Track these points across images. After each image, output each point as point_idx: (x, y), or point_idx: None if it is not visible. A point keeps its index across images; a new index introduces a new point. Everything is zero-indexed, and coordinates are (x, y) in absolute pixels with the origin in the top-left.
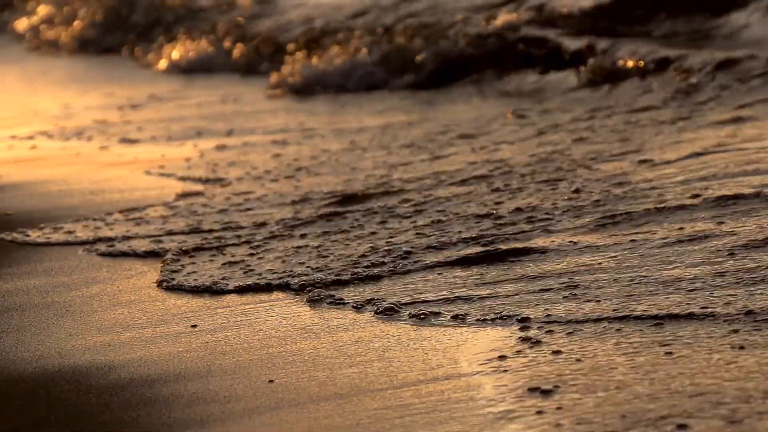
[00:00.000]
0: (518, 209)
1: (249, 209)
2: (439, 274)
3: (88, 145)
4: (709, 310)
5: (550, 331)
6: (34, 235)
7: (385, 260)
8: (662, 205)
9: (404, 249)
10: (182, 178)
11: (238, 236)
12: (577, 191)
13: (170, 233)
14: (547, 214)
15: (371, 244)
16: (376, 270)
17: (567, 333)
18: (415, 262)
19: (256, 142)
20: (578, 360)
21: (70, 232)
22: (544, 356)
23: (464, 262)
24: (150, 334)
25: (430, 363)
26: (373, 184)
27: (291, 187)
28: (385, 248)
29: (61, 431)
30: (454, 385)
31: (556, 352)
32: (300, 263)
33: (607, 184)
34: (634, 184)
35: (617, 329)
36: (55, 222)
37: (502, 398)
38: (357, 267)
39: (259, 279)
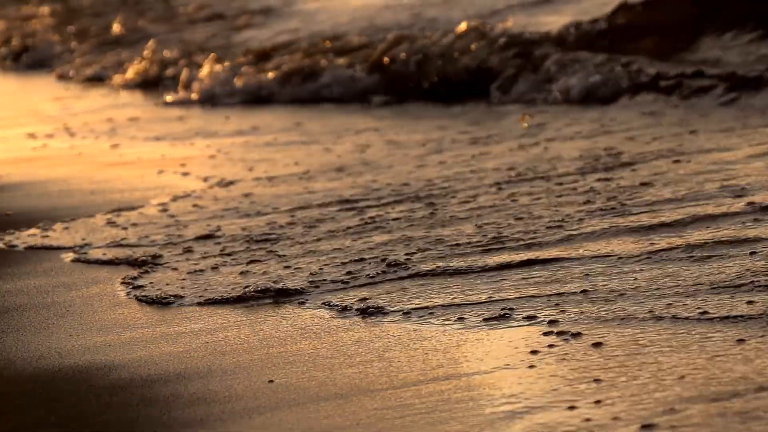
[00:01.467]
0: (542, 215)
1: (246, 213)
2: (459, 277)
3: (91, 145)
4: (756, 309)
5: (582, 329)
6: (25, 237)
7: (398, 262)
8: (703, 211)
9: (422, 252)
10: (187, 176)
11: (228, 239)
12: (609, 196)
13: (168, 237)
14: (569, 216)
15: (379, 247)
16: (377, 273)
17: (601, 331)
18: (430, 264)
19: (264, 143)
20: (616, 355)
21: (64, 234)
22: (579, 352)
23: (491, 266)
24: (150, 334)
25: (430, 363)
26: (387, 186)
27: (301, 188)
28: (396, 252)
29: (61, 431)
30: (455, 385)
31: (597, 344)
32: (308, 265)
33: (640, 187)
34: (671, 187)
35: (655, 328)
36: (53, 222)
37: (528, 394)
38: (357, 272)
39: (261, 285)
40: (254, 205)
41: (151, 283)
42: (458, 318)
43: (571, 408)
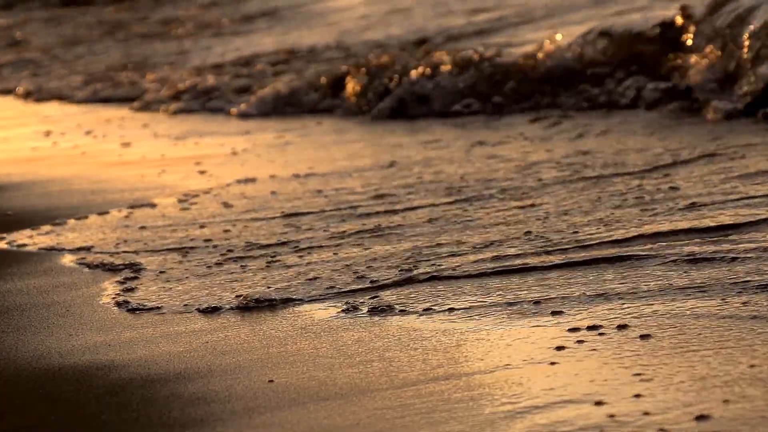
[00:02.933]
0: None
1: (256, 213)
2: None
3: (96, 144)
4: None
5: (624, 326)
6: (27, 237)
7: (409, 265)
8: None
9: (440, 255)
10: (189, 178)
11: (234, 241)
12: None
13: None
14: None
15: (388, 249)
16: (381, 274)
17: (648, 323)
18: (457, 267)
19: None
20: (664, 348)
21: (66, 234)
22: (622, 345)
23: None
24: (150, 334)
25: (430, 363)
26: (403, 188)
27: (321, 188)
28: (409, 254)
29: (61, 431)
30: (454, 384)
31: (646, 337)
32: (316, 269)
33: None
34: (719, 188)
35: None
36: (55, 222)
37: (550, 392)
38: (361, 273)
39: (268, 290)
40: (263, 204)
41: (147, 287)
42: (466, 317)
43: (600, 403)
